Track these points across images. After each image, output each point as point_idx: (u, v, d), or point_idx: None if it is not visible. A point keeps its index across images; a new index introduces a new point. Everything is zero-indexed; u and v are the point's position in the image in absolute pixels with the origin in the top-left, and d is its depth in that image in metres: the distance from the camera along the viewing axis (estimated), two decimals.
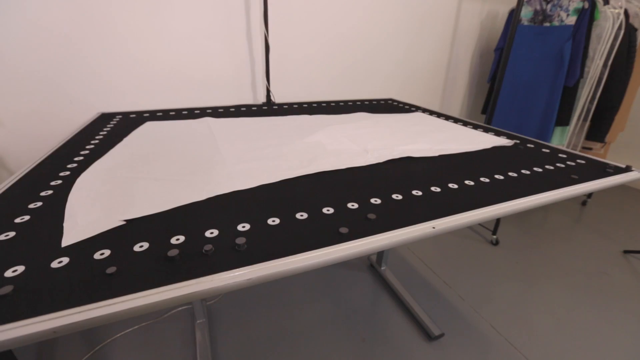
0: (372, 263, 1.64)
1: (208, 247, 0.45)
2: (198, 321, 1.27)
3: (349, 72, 1.71)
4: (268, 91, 1.45)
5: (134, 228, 0.51)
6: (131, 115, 1.21)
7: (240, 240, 0.46)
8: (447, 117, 1.27)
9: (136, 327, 1.28)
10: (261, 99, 1.52)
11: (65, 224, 0.51)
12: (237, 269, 0.42)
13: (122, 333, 1.26)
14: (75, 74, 1.24)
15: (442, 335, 1.27)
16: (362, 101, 1.58)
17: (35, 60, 1.17)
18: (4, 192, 0.62)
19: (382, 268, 1.59)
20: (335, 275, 1.58)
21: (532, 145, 0.97)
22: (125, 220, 0.52)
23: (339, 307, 1.40)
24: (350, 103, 1.53)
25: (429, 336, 1.27)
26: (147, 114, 1.23)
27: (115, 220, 0.52)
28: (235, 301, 1.42)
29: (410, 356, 1.19)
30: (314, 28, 1.53)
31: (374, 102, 1.57)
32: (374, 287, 1.52)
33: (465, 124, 1.19)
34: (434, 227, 0.54)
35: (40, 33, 1.15)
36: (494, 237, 1.83)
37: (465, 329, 1.31)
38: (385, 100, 1.64)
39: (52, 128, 1.25)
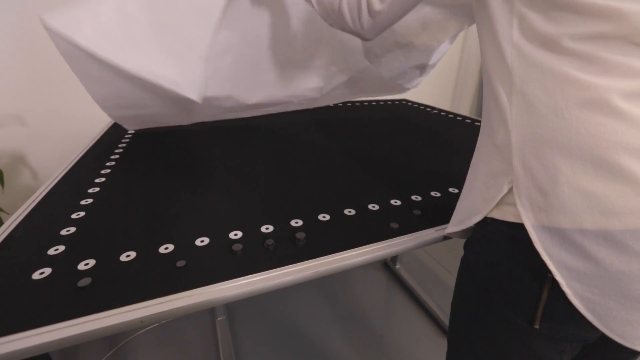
0: (387, 261, 1.66)
1: (270, 241, 0.47)
2: (219, 319, 1.28)
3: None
4: None
5: (191, 224, 0.52)
6: None
7: (300, 235, 0.48)
8: (464, 118, 1.29)
9: (156, 324, 1.30)
10: None
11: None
12: (304, 262, 0.43)
13: (143, 330, 1.27)
14: None
15: None
16: (377, 101, 1.60)
17: (57, 60, 1.18)
18: (52, 189, 0.63)
19: (397, 266, 1.60)
20: (350, 273, 1.59)
21: None
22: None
23: (356, 305, 1.41)
24: (366, 103, 1.55)
25: (446, 333, 1.28)
26: None
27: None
28: (252, 298, 1.43)
29: (430, 353, 1.21)
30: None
31: (389, 103, 1.59)
32: (389, 285, 1.54)
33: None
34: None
35: None
36: None
37: None
38: (400, 100, 1.66)
39: (73, 127, 1.26)
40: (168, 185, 0.65)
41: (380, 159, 0.82)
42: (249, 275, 0.41)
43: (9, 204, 1.09)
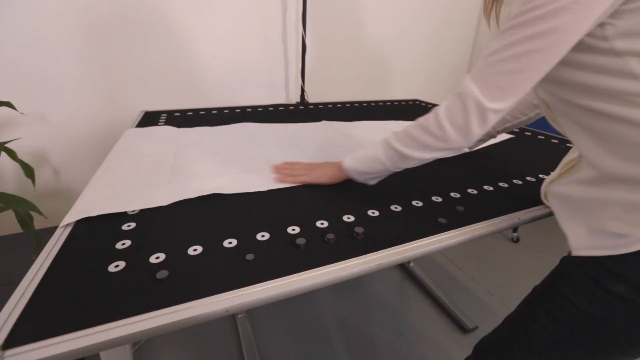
0: None
1: (330, 235, 0.48)
2: (239, 316, 1.30)
3: (381, 74, 1.75)
4: (302, 91, 1.49)
5: (247, 219, 0.54)
6: (176, 114, 1.23)
7: (359, 230, 0.49)
8: None
9: None
10: (294, 98, 1.55)
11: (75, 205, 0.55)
12: (369, 254, 0.45)
13: None
14: (117, 74, 1.25)
15: (476, 328, 1.31)
16: (392, 102, 1.62)
17: (78, 60, 1.19)
18: None
19: (411, 264, 1.63)
20: None
21: (556, 141, 1.01)
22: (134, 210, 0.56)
23: (372, 302, 1.43)
24: (381, 104, 1.57)
25: (463, 329, 1.31)
26: (191, 112, 1.25)
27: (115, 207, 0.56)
28: None
29: (449, 348, 1.24)
30: (347, 31, 1.57)
31: (402, 103, 1.62)
32: (404, 283, 1.56)
33: None
34: (519, 219, 0.58)
35: (83, 34, 1.16)
36: (515, 234, 1.88)
37: (497, 322, 1.35)
38: (413, 100, 1.68)
39: (95, 126, 1.27)
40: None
41: None
42: (319, 268, 0.43)
43: (35, 201, 1.09)
